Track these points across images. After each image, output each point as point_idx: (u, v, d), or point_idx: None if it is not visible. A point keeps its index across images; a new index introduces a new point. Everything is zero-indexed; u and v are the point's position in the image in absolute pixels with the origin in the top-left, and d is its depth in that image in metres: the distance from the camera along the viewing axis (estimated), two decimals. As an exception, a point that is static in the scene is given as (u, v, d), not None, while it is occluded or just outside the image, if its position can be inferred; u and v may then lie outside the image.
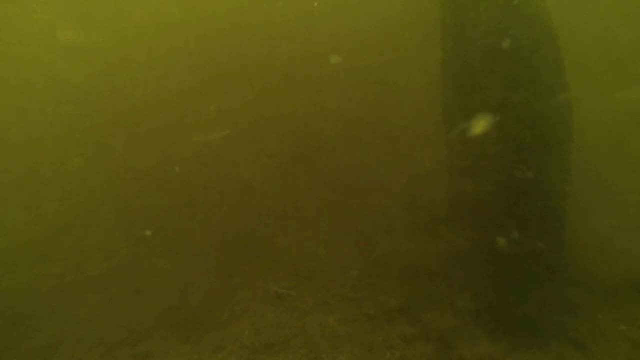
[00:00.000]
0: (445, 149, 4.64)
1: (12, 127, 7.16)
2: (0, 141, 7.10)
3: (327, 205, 6.09)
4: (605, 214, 5.45)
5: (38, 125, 7.28)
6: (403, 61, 5.84)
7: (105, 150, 7.12)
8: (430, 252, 4.95)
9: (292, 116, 6.96)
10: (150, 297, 5.63)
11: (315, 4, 7.03)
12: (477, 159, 4.39)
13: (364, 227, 5.36)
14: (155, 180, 7.07)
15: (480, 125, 4.26)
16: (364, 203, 5.25)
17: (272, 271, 5.63)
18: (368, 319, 4.72)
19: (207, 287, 5.62)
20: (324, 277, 5.34)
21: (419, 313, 4.73)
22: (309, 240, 5.86)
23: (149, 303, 5.54)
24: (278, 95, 7.17)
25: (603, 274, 5.04)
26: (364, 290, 5.07)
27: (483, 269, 4.58)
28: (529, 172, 4.11)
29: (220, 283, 5.64)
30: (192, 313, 5.33)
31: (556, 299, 4.52)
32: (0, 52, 7.45)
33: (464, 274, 4.85)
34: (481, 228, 4.55)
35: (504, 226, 4.34)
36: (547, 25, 4.16)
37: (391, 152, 5.80)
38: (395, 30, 5.43)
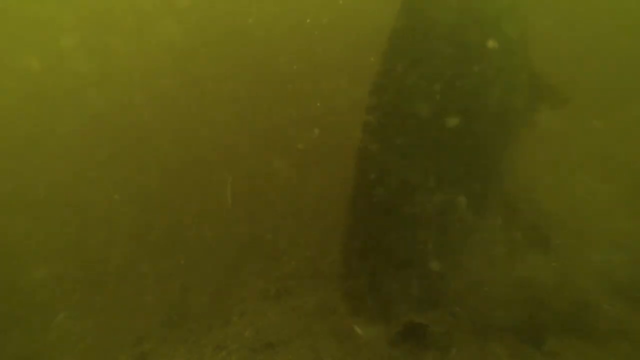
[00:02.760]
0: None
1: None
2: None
3: (327, 205, 6.12)
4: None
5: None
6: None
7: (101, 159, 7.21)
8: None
9: (290, 120, 7.02)
10: (150, 297, 5.63)
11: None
12: None
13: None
14: (152, 183, 7.11)
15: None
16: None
17: (272, 271, 5.63)
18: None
19: (207, 287, 5.63)
20: (324, 277, 5.34)
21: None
22: (309, 240, 5.87)
23: (149, 303, 5.55)
24: (278, 101, 7.24)
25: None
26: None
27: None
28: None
29: (220, 283, 5.64)
30: (192, 313, 5.33)
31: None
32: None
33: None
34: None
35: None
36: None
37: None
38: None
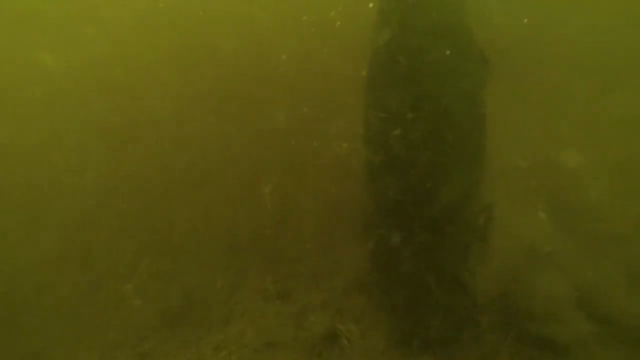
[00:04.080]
0: None
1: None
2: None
3: (327, 205, 6.16)
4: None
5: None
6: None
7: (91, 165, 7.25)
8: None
9: (290, 120, 7.07)
10: (151, 297, 5.64)
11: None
12: None
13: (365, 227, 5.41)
14: (154, 184, 7.15)
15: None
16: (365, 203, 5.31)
17: (272, 271, 5.66)
18: (369, 319, 4.74)
19: (207, 287, 5.65)
20: (325, 277, 5.37)
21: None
22: (309, 240, 5.90)
23: (149, 303, 5.56)
24: (278, 102, 7.29)
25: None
26: (364, 290, 5.08)
27: None
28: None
29: (220, 283, 5.66)
30: (192, 313, 5.34)
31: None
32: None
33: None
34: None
35: None
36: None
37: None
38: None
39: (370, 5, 4.44)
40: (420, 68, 4.14)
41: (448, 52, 4.08)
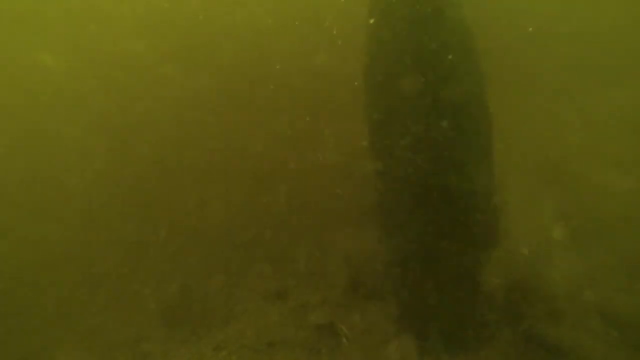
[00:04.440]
0: None
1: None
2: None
3: (327, 204, 6.16)
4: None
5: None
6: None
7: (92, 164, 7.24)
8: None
9: (291, 120, 7.08)
10: (151, 297, 5.65)
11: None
12: None
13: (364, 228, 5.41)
14: (154, 184, 7.15)
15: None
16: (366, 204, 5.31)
17: (272, 271, 5.66)
18: (369, 319, 4.74)
19: (207, 287, 5.65)
20: (324, 276, 5.37)
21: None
22: (309, 240, 5.90)
23: (149, 303, 5.56)
24: (280, 102, 7.30)
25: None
26: (364, 290, 5.08)
27: None
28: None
29: (220, 283, 5.66)
30: (192, 313, 5.34)
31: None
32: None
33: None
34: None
35: None
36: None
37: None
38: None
39: (371, 21, 4.44)
40: (420, 68, 4.13)
41: (450, 57, 4.07)
